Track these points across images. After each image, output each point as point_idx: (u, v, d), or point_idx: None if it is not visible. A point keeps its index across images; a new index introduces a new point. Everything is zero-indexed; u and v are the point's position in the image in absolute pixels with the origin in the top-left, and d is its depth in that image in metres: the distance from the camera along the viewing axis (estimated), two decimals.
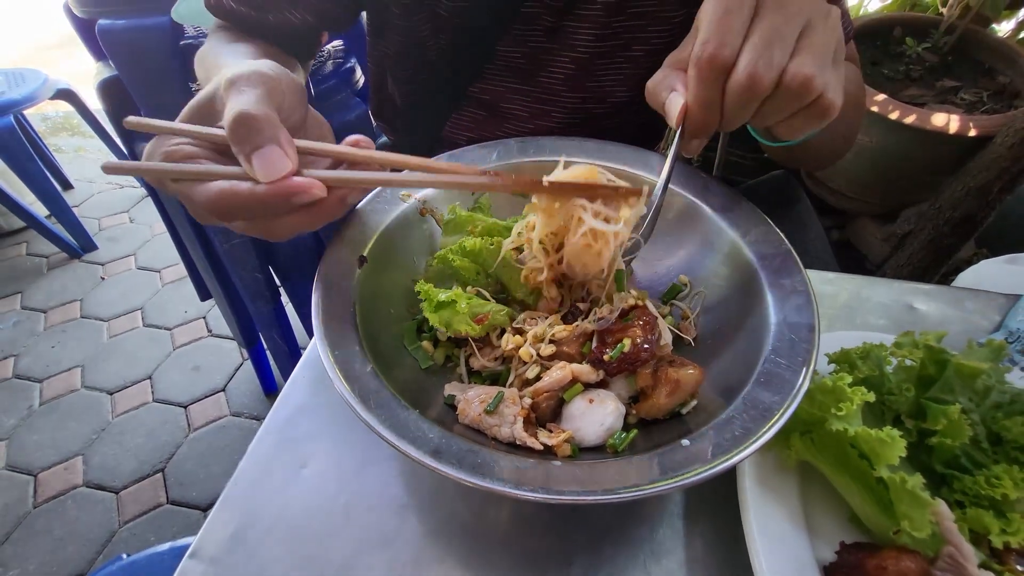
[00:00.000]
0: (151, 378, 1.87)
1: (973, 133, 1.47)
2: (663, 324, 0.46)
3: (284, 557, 0.42)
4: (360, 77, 1.32)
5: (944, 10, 1.70)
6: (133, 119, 0.38)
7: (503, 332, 0.48)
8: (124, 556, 0.95)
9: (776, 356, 0.41)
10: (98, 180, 2.75)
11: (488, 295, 0.50)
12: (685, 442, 0.36)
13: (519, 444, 0.40)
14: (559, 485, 0.33)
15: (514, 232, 0.48)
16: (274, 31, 0.66)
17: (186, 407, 1.79)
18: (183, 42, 1.00)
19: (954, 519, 0.35)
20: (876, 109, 1.52)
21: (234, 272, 1.35)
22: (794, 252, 0.48)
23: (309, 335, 1.61)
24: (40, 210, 2.23)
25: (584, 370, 0.42)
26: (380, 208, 0.52)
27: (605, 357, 0.41)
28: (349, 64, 1.29)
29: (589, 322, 0.46)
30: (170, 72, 1.00)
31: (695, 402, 0.44)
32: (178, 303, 2.11)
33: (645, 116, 0.83)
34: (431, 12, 0.68)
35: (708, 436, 0.36)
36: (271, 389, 1.80)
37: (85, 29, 1.15)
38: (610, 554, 0.43)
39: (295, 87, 0.41)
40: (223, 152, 0.38)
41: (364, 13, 0.80)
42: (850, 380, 0.38)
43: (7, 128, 1.97)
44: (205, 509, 1.54)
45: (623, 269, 0.49)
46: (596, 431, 0.40)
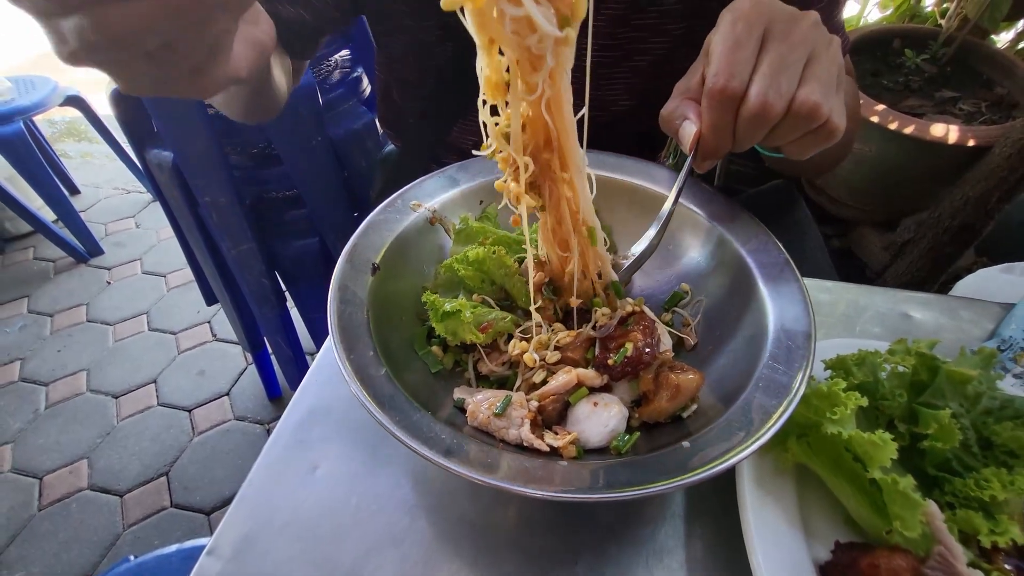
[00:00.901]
0: (156, 382, 1.88)
1: (971, 143, 1.49)
2: (662, 328, 0.48)
3: (298, 555, 0.44)
4: (367, 86, 1.35)
5: (943, 22, 1.73)
6: None
7: (510, 338, 0.50)
8: (131, 558, 0.97)
9: (774, 362, 0.42)
10: (104, 185, 2.78)
11: (493, 303, 0.51)
12: (685, 444, 0.38)
13: (526, 446, 0.41)
14: (565, 484, 0.35)
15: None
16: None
17: (190, 411, 1.80)
18: None
19: (944, 519, 0.37)
20: (876, 119, 1.54)
21: (241, 277, 1.36)
22: (792, 262, 0.50)
23: (314, 340, 1.64)
24: (48, 215, 2.26)
25: (589, 374, 0.44)
26: (392, 218, 0.54)
27: (610, 361, 0.43)
28: (356, 74, 1.32)
29: (590, 328, 0.47)
30: None
31: (696, 406, 0.45)
32: (183, 308, 2.13)
33: (646, 125, 0.85)
34: (439, 20, 0.69)
35: (707, 438, 0.38)
36: (275, 394, 1.82)
37: None
38: (614, 553, 0.44)
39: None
40: None
41: (369, 20, 0.80)
42: (845, 385, 0.40)
43: (17, 134, 2.00)
44: (209, 513, 1.55)
45: (618, 281, 0.51)
46: (600, 433, 0.42)
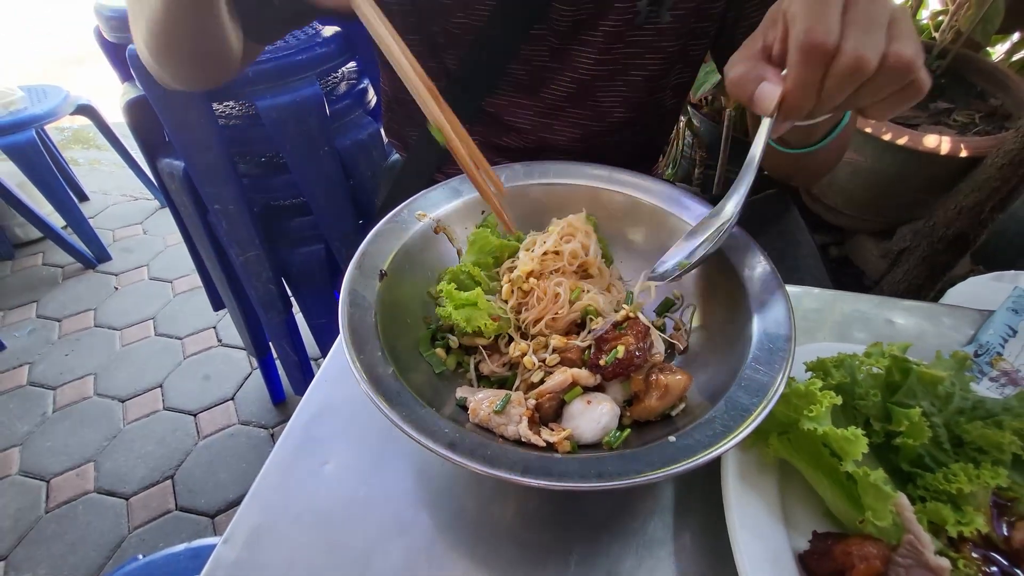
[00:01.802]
0: (162, 386, 1.91)
1: (964, 154, 1.51)
2: (655, 334, 0.50)
3: (310, 543, 0.47)
4: (372, 97, 1.38)
5: (937, 35, 1.76)
6: None
7: (510, 340, 0.53)
8: (140, 557, 0.99)
9: (756, 364, 0.45)
10: (113, 192, 2.82)
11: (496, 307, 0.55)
12: (672, 438, 0.41)
13: (524, 441, 0.44)
14: (559, 474, 0.38)
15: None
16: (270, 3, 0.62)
17: (195, 415, 1.82)
18: None
19: (914, 511, 0.39)
20: (870, 130, 1.57)
21: (248, 283, 1.39)
22: (776, 270, 0.53)
23: (319, 345, 1.67)
24: (57, 221, 2.29)
25: (583, 374, 0.47)
26: (399, 227, 0.57)
27: (601, 362, 0.46)
28: (362, 85, 1.35)
29: (582, 338, 0.50)
30: (195, 95, 1.07)
31: (683, 405, 0.48)
32: (189, 313, 2.16)
33: (643, 136, 0.88)
34: (443, 29, 0.72)
35: (693, 433, 0.41)
36: (279, 399, 1.84)
37: (114, 52, 1.21)
38: (606, 544, 0.47)
39: None
40: None
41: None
42: (821, 385, 0.43)
43: (29, 142, 2.04)
44: (213, 516, 1.57)
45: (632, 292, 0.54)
46: (593, 429, 0.45)
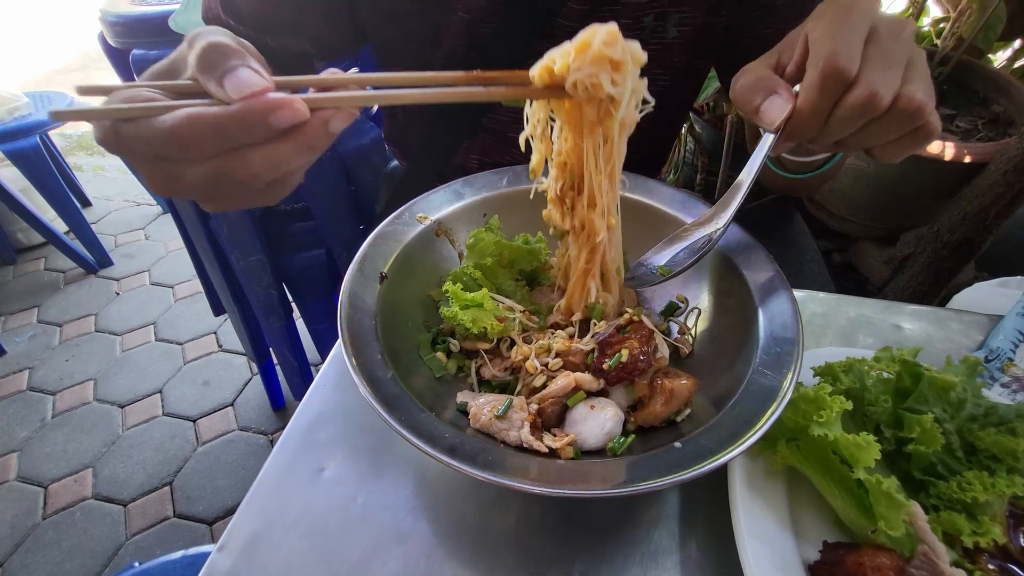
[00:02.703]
0: (161, 392, 1.90)
1: (968, 160, 1.51)
2: (660, 337, 0.50)
3: (307, 551, 0.45)
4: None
5: (939, 41, 1.76)
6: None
7: (512, 344, 0.52)
8: (136, 564, 0.98)
9: (764, 368, 0.44)
10: (116, 198, 2.83)
11: (502, 298, 0.54)
12: (677, 444, 0.40)
13: (526, 447, 0.43)
14: (562, 482, 0.37)
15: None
16: (269, 54, 0.67)
17: (195, 421, 1.81)
18: None
19: (928, 520, 0.38)
20: None
21: (248, 288, 1.39)
22: (782, 273, 0.52)
23: (319, 351, 1.66)
24: (60, 226, 2.30)
25: (586, 379, 0.46)
26: (400, 229, 0.57)
27: (604, 366, 0.45)
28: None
29: (585, 343, 0.49)
30: None
31: (689, 410, 0.47)
32: (190, 319, 2.15)
33: (647, 148, 0.88)
34: (444, 48, 0.72)
35: (699, 440, 0.40)
36: (279, 405, 1.83)
37: (118, 57, 1.22)
38: (610, 554, 0.46)
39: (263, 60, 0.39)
40: (187, 97, 0.34)
41: (374, 48, 0.83)
42: (831, 390, 0.42)
43: (33, 148, 2.05)
44: (211, 523, 1.55)
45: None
46: (597, 435, 0.44)
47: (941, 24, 1.81)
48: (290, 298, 1.45)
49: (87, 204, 2.75)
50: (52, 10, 4.84)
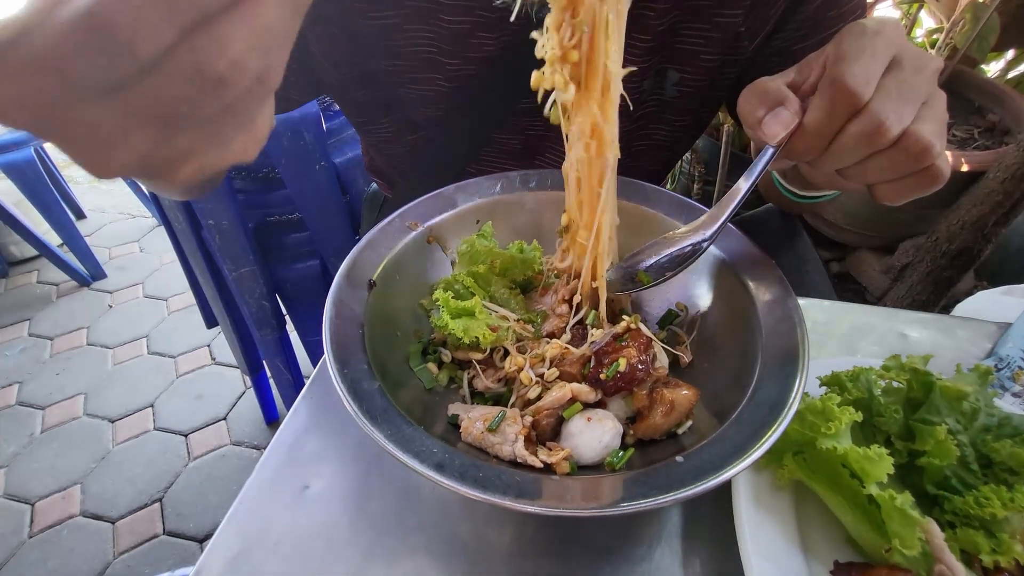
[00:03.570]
0: (153, 406, 1.87)
1: (965, 168, 1.50)
2: (658, 346, 0.48)
3: (288, 575, 0.43)
4: None
5: (933, 51, 1.77)
6: None
7: (506, 354, 0.50)
8: None
9: (768, 378, 0.42)
10: (111, 210, 2.82)
11: (495, 306, 0.52)
12: (679, 459, 0.38)
13: (520, 462, 0.41)
14: (557, 499, 0.35)
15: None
16: None
17: (186, 436, 1.78)
18: None
19: (944, 537, 0.36)
20: None
21: (241, 300, 1.37)
22: (785, 279, 0.50)
23: (313, 363, 1.63)
24: (53, 239, 2.29)
25: (583, 390, 0.44)
26: (390, 236, 0.55)
27: (601, 376, 0.43)
28: None
29: (585, 349, 0.47)
30: None
31: (690, 422, 0.45)
32: (183, 331, 2.13)
33: (646, 177, 0.86)
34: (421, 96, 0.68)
35: (702, 453, 0.38)
36: (272, 418, 1.80)
37: None
38: (610, 573, 0.43)
39: None
40: None
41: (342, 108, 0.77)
42: (839, 401, 0.40)
43: (27, 160, 2.04)
44: (202, 541, 1.52)
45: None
46: (594, 448, 0.42)
47: (935, 35, 1.82)
48: (283, 310, 1.43)
49: (82, 216, 2.74)
50: None
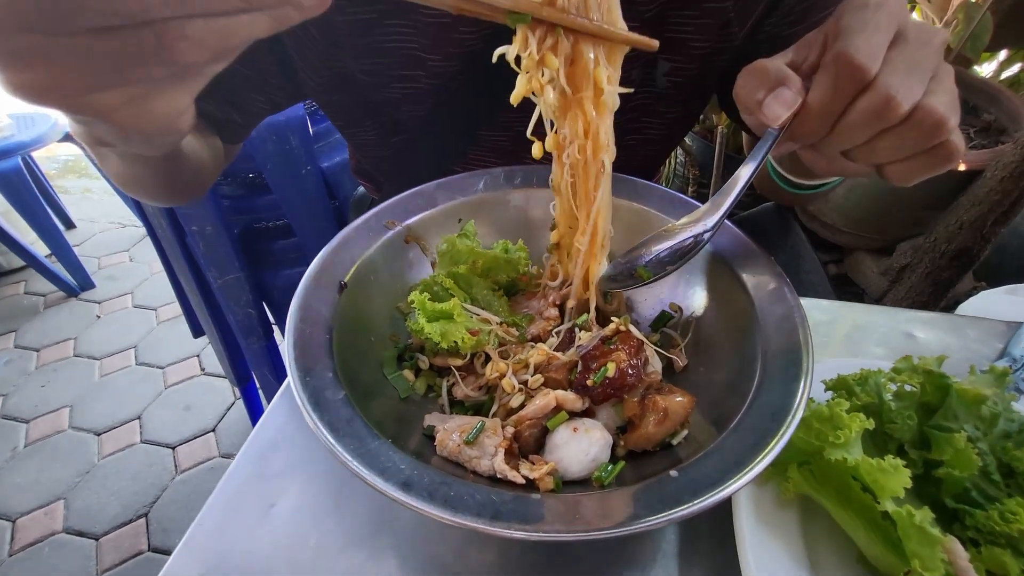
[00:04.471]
0: (140, 418, 1.83)
1: (963, 168, 1.50)
2: (651, 349, 0.44)
3: None
4: None
5: None
6: None
7: (487, 360, 0.47)
8: None
9: (769, 382, 0.39)
10: (101, 220, 2.79)
11: (477, 309, 0.49)
12: (673, 473, 0.34)
13: (500, 477, 0.37)
14: (539, 521, 0.31)
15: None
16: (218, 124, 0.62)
17: (174, 448, 1.74)
18: None
19: (968, 558, 0.32)
20: None
21: (228, 308, 1.34)
22: (786, 277, 0.47)
23: None
24: (41, 249, 2.26)
25: (569, 397, 0.40)
26: (364, 235, 0.52)
27: (589, 382, 0.40)
28: None
29: (567, 354, 0.44)
30: None
31: (686, 432, 0.42)
32: (173, 341, 2.10)
33: (642, 163, 0.84)
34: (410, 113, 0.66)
35: (699, 467, 0.34)
36: None
37: None
38: None
39: None
40: None
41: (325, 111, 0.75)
42: (848, 407, 0.36)
43: (13, 170, 2.01)
44: None
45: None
46: (581, 462, 0.38)
47: None
48: (271, 318, 1.40)
49: (71, 226, 2.71)
50: None
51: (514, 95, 0.42)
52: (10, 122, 2.10)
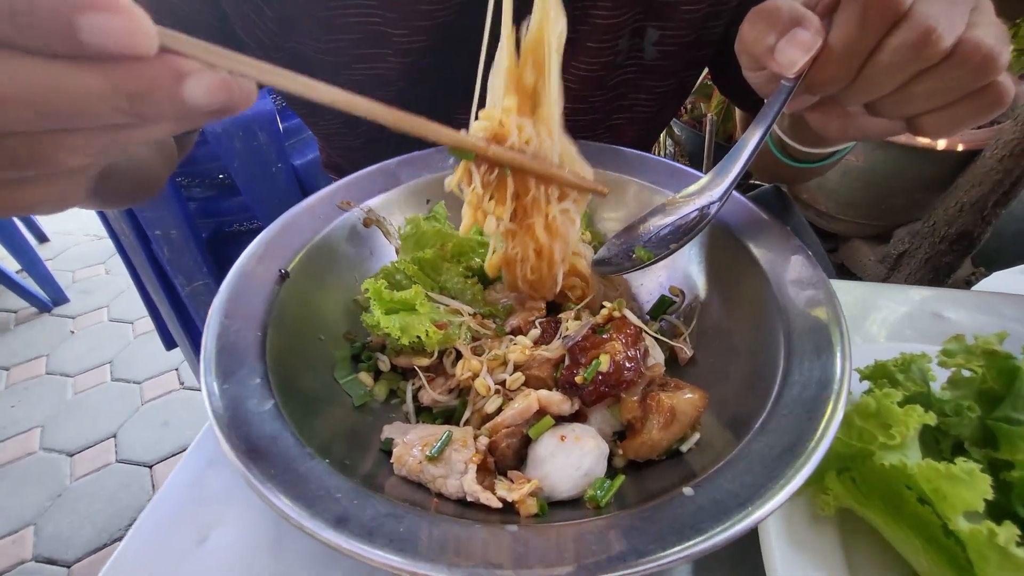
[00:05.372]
0: (115, 436, 1.75)
1: (961, 148, 1.48)
2: (650, 338, 0.37)
3: None
4: None
5: None
6: None
7: (459, 358, 0.39)
8: None
9: (797, 374, 0.32)
10: (76, 232, 2.71)
11: (445, 299, 0.42)
12: (688, 491, 0.27)
13: (471, 500, 0.30)
14: (517, 563, 0.24)
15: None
16: None
17: (151, 467, 1.66)
18: None
19: None
20: None
21: (198, 317, 1.27)
22: (805, 247, 0.40)
23: None
24: (11, 264, 2.17)
25: (554, 398, 0.33)
26: (314, 218, 0.44)
27: (578, 379, 0.32)
28: None
29: (552, 349, 0.37)
30: None
31: (698, 436, 0.34)
32: (150, 355, 2.02)
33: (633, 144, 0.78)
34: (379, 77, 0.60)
35: (718, 481, 0.27)
36: None
37: None
38: None
39: None
40: None
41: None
42: (899, 398, 0.29)
43: None
44: None
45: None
46: (571, 478, 0.31)
47: None
48: None
49: (44, 240, 2.64)
50: None
51: (462, 229, 0.39)
52: None
